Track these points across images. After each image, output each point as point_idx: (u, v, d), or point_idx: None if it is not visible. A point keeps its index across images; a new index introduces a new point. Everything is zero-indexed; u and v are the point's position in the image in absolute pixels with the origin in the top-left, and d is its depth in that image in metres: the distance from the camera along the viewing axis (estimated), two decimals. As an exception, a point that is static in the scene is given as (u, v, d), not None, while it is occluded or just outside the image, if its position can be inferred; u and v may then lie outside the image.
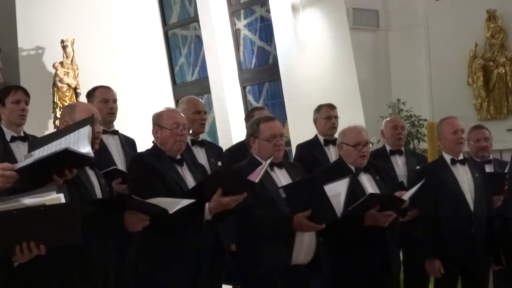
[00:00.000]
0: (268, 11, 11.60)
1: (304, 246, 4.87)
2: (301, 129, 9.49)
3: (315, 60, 10.68)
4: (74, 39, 12.01)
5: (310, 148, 6.85)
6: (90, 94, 5.94)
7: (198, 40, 13.15)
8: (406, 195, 5.19)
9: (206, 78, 12.71)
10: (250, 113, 6.90)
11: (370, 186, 5.33)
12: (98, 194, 4.22)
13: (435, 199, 5.69)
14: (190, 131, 5.78)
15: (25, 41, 12.22)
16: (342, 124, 6.17)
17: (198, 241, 4.59)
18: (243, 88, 12.45)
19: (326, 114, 6.84)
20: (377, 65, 10.80)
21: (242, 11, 12.45)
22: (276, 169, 4.99)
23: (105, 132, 5.41)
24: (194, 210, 4.36)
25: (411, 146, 9.71)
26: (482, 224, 5.72)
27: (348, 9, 10.34)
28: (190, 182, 4.71)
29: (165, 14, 13.73)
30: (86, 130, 3.71)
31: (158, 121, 4.81)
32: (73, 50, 12.05)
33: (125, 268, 4.51)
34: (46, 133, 4.45)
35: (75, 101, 11.56)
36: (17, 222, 2.94)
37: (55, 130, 7.40)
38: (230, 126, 12.03)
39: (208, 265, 4.67)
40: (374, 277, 5.21)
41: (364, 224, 5.03)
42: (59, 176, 3.53)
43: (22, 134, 5.59)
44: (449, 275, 5.68)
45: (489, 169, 6.25)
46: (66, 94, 11.92)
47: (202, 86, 12.94)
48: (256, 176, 4.50)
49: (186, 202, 4.21)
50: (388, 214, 5.07)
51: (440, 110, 9.93)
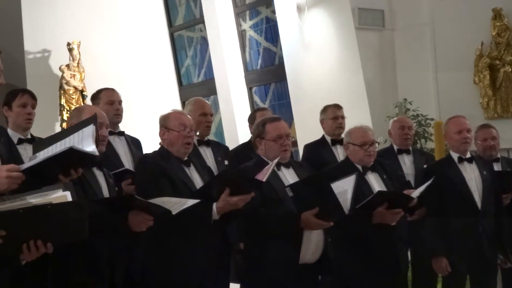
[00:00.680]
0: (273, 12, 11.59)
1: (311, 245, 4.86)
2: (307, 129, 9.48)
3: (321, 60, 10.67)
4: (80, 42, 12.04)
5: (318, 148, 6.84)
6: (95, 97, 5.95)
7: (204, 41, 13.15)
8: (415, 193, 5.19)
9: (212, 79, 12.71)
10: (252, 114, 6.90)
11: (377, 185, 5.34)
12: (106, 194, 4.24)
13: (443, 198, 5.69)
14: (197, 133, 5.78)
15: (31, 44, 12.25)
16: (349, 124, 6.16)
17: (205, 241, 4.59)
18: (249, 89, 12.45)
19: (332, 115, 6.84)
20: (383, 64, 10.78)
21: (248, 12, 12.45)
22: (283, 168, 4.99)
23: (111, 133, 5.42)
24: (201, 210, 4.37)
25: (418, 145, 9.69)
26: (489, 222, 5.71)
27: (353, 9, 10.33)
28: (198, 183, 4.72)
29: (170, 15, 13.74)
30: (90, 129, 3.71)
31: (165, 123, 4.82)
32: (79, 53, 12.07)
33: (133, 266, 4.50)
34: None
35: (82, 103, 11.59)
36: (23, 221, 2.95)
37: (61, 132, 7.40)
38: (237, 127, 12.03)
39: (215, 264, 4.68)
40: (382, 275, 5.20)
41: (372, 222, 5.03)
42: (65, 175, 3.53)
43: (29, 137, 5.61)
44: (457, 274, 5.67)
45: (497, 167, 6.23)
46: (72, 96, 11.94)
47: (208, 87, 12.94)
48: (263, 175, 4.50)
49: (191, 202, 4.22)
50: (396, 212, 5.08)
51: (446, 109, 9.90)
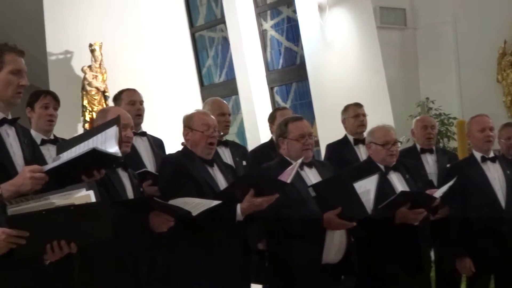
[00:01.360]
0: (294, 12, 11.57)
1: (334, 245, 4.85)
2: (329, 129, 9.46)
3: (343, 59, 10.64)
4: (102, 43, 12.09)
5: (340, 147, 6.83)
6: (117, 98, 5.98)
7: (225, 41, 13.16)
8: (438, 193, 5.17)
9: (234, 79, 12.72)
10: (273, 113, 6.90)
11: (400, 184, 5.32)
12: (130, 195, 4.26)
13: (466, 197, 5.65)
14: (221, 133, 5.79)
15: (53, 45, 12.33)
16: (371, 123, 6.15)
17: (229, 242, 4.59)
18: (271, 89, 12.44)
19: (353, 113, 6.83)
20: (405, 63, 10.74)
21: (269, 12, 12.45)
22: (306, 168, 4.98)
23: (133, 133, 5.43)
24: (226, 211, 4.37)
25: (441, 144, 9.64)
26: (514, 221, 5.67)
27: (375, 8, 10.29)
28: (221, 183, 4.73)
29: (191, 16, 13.76)
30: (113, 131, 3.72)
31: (189, 123, 4.83)
32: (101, 54, 12.13)
33: (156, 267, 4.51)
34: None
35: (104, 104, 11.63)
36: (47, 222, 2.96)
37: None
38: (258, 127, 12.02)
39: (239, 265, 4.67)
40: (405, 275, 5.18)
41: (395, 221, 5.02)
42: (88, 177, 3.55)
43: (52, 138, 5.64)
44: (481, 274, 5.63)
45: (521, 166, 6.18)
46: (95, 97, 12.00)
47: (230, 87, 12.95)
48: (287, 176, 4.50)
49: (213, 203, 4.22)
50: (419, 212, 5.06)
51: (469, 108, 9.83)
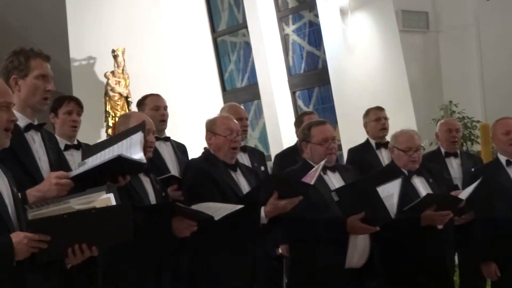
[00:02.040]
0: (316, 16, 11.58)
1: (358, 249, 4.84)
2: (352, 133, 9.44)
3: (365, 63, 10.63)
4: (124, 49, 12.14)
5: (362, 151, 6.81)
6: (141, 103, 5.99)
7: (247, 46, 13.17)
8: (463, 194, 5.15)
9: (256, 84, 12.72)
10: (299, 117, 6.90)
11: (423, 188, 5.30)
12: (152, 200, 4.26)
13: (491, 201, 5.60)
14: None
15: (76, 51, 12.40)
16: (394, 127, 6.13)
17: (254, 246, 4.59)
18: (293, 93, 12.44)
19: (375, 117, 6.81)
20: (427, 67, 10.70)
21: (291, 17, 12.45)
22: (329, 172, 4.98)
23: (157, 138, 5.44)
24: (249, 214, 4.38)
25: (464, 148, 9.58)
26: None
27: (397, 11, 10.28)
28: (245, 187, 4.73)
29: (213, 21, 13.78)
30: (138, 137, 3.73)
31: (212, 127, 4.83)
32: (123, 59, 12.17)
33: (179, 272, 4.52)
34: (98, 142, 4.49)
35: (127, 109, 11.68)
36: (68, 226, 2.97)
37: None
38: (281, 131, 12.02)
39: (263, 269, 4.68)
40: (428, 279, 5.15)
41: (420, 224, 5.00)
42: (113, 183, 3.56)
43: (75, 143, 5.67)
44: (506, 278, 5.58)
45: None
46: (117, 103, 12.05)
47: (252, 92, 12.96)
48: (311, 178, 4.50)
49: (234, 208, 4.22)
50: (444, 214, 5.03)
51: (493, 111, 9.78)
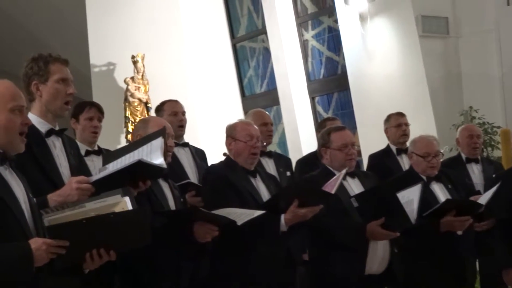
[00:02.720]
0: (335, 21, 11.56)
1: (377, 256, 4.83)
2: (371, 138, 9.42)
3: (385, 69, 10.60)
4: (144, 54, 12.18)
5: (382, 157, 6.79)
6: (159, 109, 6.01)
7: (266, 52, 13.17)
8: (482, 199, 5.12)
9: (275, 89, 12.72)
10: (321, 123, 6.90)
11: (442, 194, 5.28)
12: (172, 205, 4.27)
13: (512, 206, 5.57)
14: (264, 144, 5.80)
15: (96, 57, 12.46)
16: (414, 132, 6.11)
17: (273, 253, 4.59)
18: (312, 98, 12.42)
19: (396, 122, 6.79)
20: (448, 72, 10.66)
21: (310, 22, 12.45)
22: (348, 178, 4.96)
23: (176, 144, 5.45)
24: (270, 221, 4.37)
25: (485, 154, 9.53)
26: None
27: (417, 16, 10.24)
28: (264, 193, 4.73)
29: (233, 27, 13.80)
30: (159, 142, 3.75)
31: (232, 133, 4.83)
32: (143, 65, 12.21)
33: (198, 277, 4.52)
34: (119, 147, 4.51)
35: (146, 115, 11.70)
36: (87, 231, 2.98)
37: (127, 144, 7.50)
38: (300, 137, 12.01)
39: (283, 276, 4.67)
40: (449, 286, 5.13)
41: (439, 230, 4.97)
42: (133, 188, 3.57)
43: (96, 149, 5.70)
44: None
45: None
46: (137, 108, 12.08)
47: (271, 97, 12.95)
48: (331, 187, 4.48)
49: (256, 213, 4.22)
50: (464, 220, 5.01)
51: (513, 116, 9.76)
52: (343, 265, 4.75)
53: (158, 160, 3.63)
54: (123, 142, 11.54)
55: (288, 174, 6.13)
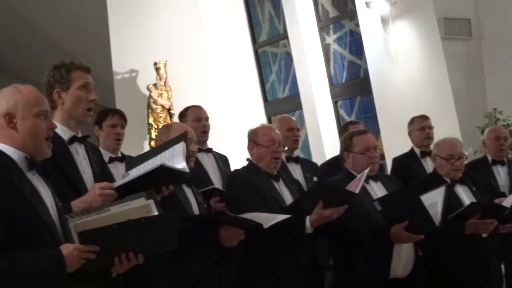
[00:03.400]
0: (357, 25, 11.53)
1: (402, 259, 4.80)
2: (395, 142, 9.38)
3: (407, 71, 10.56)
4: (166, 61, 12.21)
5: (407, 160, 6.77)
6: (183, 115, 6.03)
7: (288, 56, 13.17)
8: (507, 202, 5.09)
9: (297, 94, 12.71)
10: (344, 127, 6.89)
11: (466, 197, 5.26)
12: (195, 211, 4.27)
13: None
14: (286, 148, 5.80)
15: (119, 65, 12.52)
16: (437, 135, 6.09)
17: (298, 256, 4.58)
18: (335, 103, 12.40)
19: (419, 125, 6.77)
20: (471, 74, 10.59)
21: (331, 26, 12.43)
22: (371, 182, 4.95)
23: (199, 150, 5.47)
24: (295, 224, 4.37)
25: (510, 156, 9.45)
26: None
27: (439, 18, 10.19)
28: (287, 198, 4.72)
29: (254, 32, 13.81)
30: (180, 147, 3.76)
31: (254, 137, 4.84)
32: (166, 72, 12.24)
33: (224, 282, 4.53)
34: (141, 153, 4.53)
35: (169, 121, 11.72)
36: (117, 236, 2.99)
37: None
38: (323, 141, 11.99)
39: (309, 280, 4.66)
40: (474, 288, 5.11)
41: (464, 233, 4.94)
42: (156, 193, 3.58)
43: (119, 155, 5.72)
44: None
45: None
46: (160, 115, 12.12)
47: (294, 102, 12.94)
48: (355, 186, 4.48)
49: (281, 217, 4.22)
50: (489, 222, 4.98)
51: (538, 118, 9.66)
52: (368, 268, 4.74)
53: (181, 164, 3.64)
54: (147, 149, 11.56)
55: (315, 179, 6.13)
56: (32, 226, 2.91)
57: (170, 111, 12.13)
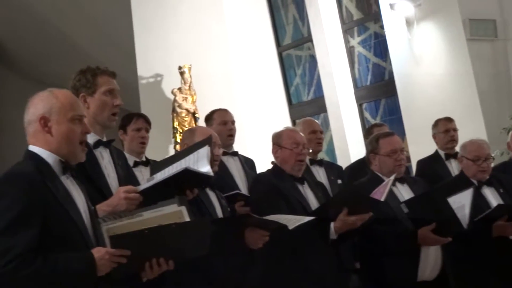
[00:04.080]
0: (381, 27, 11.48)
1: (429, 262, 4.77)
2: (420, 144, 9.33)
3: (432, 73, 10.49)
4: (191, 65, 12.24)
5: (431, 163, 6.74)
6: (209, 118, 6.04)
7: (312, 59, 13.14)
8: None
9: (322, 97, 12.68)
10: (369, 130, 6.87)
11: (494, 199, 5.23)
12: (219, 215, 4.28)
13: None
14: (310, 151, 5.78)
15: (144, 69, 12.55)
16: (464, 137, 6.04)
17: (324, 261, 4.56)
18: (360, 105, 12.35)
19: (444, 128, 6.74)
20: (497, 75, 10.50)
21: (356, 28, 12.39)
22: (398, 184, 4.93)
23: (225, 153, 5.47)
24: (319, 229, 4.36)
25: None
26: None
27: (464, 20, 10.12)
28: (312, 201, 4.72)
29: (278, 35, 13.80)
30: (205, 150, 3.76)
31: (278, 140, 4.85)
32: (190, 76, 12.26)
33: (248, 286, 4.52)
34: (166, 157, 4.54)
35: (194, 125, 11.73)
36: (148, 240, 3.00)
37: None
38: (348, 144, 11.95)
39: (334, 284, 4.64)
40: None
41: (491, 235, 4.90)
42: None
43: (144, 159, 5.74)
44: None
45: None
46: (185, 119, 12.13)
47: (318, 105, 12.91)
48: (380, 194, 4.46)
49: (306, 219, 4.21)
50: (517, 224, 4.95)
51: None
52: (395, 272, 4.71)
53: (205, 168, 3.65)
54: (171, 153, 11.58)
55: (339, 182, 6.11)
56: (64, 230, 2.93)
57: (195, 115, 12.14)
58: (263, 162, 6.13)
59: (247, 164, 5.94)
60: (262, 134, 11.20)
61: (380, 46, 11.94)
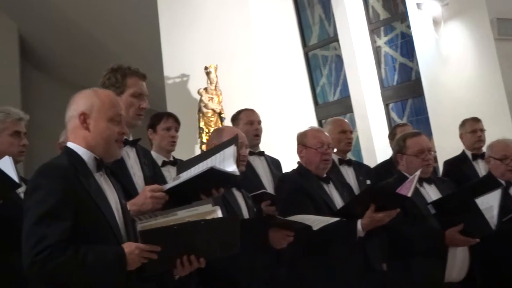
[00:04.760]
0: (408, 27, 11.42)
1: (457, 263, 4.74)
2: (447, 144, 9.26)
3: (460, 73, 10.42)
4: (217, 65, 12.26)
5: (458, 163, 6.70)
6: (235, 118, 6.05)
7: (339, 59, 13.11)
8: None
9: (348, 97, 12.64)
10: (393, 130, 6.86)
11: (522, 199, 5.17)
12: (245, 215, 4.27)
13: None
14: (335, 150, 5.76)
15: (170, 69, 12.60)
16: (491, 137, 5.99)
17: (351, 260, 4.54)
18: (386, 105, 12.30)
19: (471, 128, 6.70)
20: (525, 75, 10.42)
21: (382, 28, 12.34)
22: (425, 184, 4.89)
23: (251, 153, 5.47)
24: (346, 227, 4.34)
25: None
26: None
27: (492, 19, 10.04)
28: (337, 200, 4.70)
29: (304, 35, 13.79)
30: (231, 150, 3.76)
31: (303, 140, 4.84)
32: (216, 76, 12.28)
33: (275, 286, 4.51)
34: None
35: (220, 125, 11.75)
36: (178, 237, 3.00)
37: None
38: (374, 144, 11.90)
39: (361, 284, 4.62)
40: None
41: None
42: (207, 195, 3.58)
43: (172, 159, 5.76)
44: None
45: None
46: (211, 119, 12.15)
47: (345, 105, 12.88)
48: (407, 189, 4.43)
49: (331, 220, 4.19)
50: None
51: None
52: (422, 272, 4.68)
53: (231, 167, 3.64)
54: (198, 153, 11.61)
55: (368, 182, 6.09)
56: (95, 225, 2.97)
57: (221, 115, 12.16)
58: (289, 162, 6.12)
59: (273, 164, 5.94)
60: (288, 134, 11.18)
61: (406, 46, 11.88)
